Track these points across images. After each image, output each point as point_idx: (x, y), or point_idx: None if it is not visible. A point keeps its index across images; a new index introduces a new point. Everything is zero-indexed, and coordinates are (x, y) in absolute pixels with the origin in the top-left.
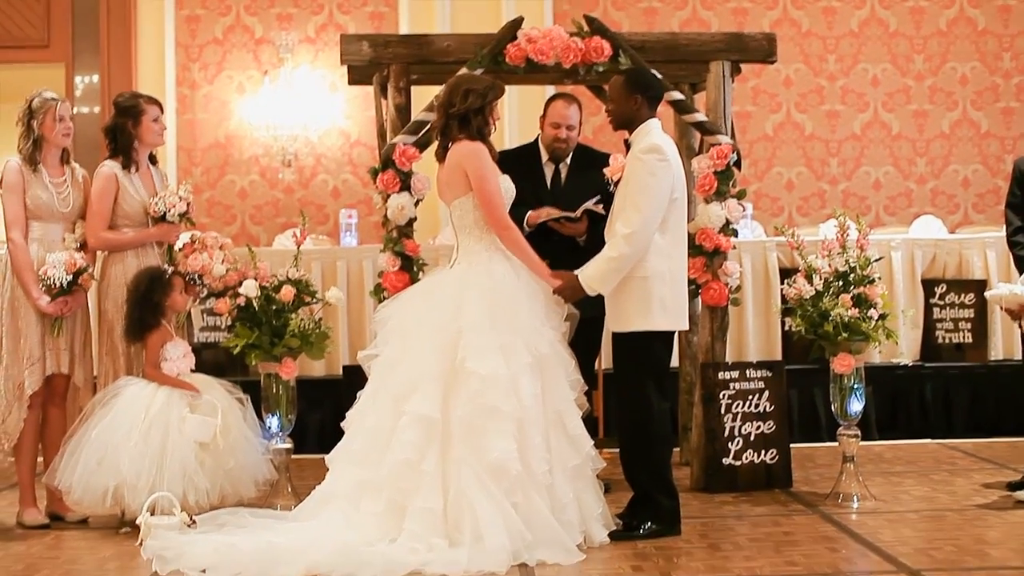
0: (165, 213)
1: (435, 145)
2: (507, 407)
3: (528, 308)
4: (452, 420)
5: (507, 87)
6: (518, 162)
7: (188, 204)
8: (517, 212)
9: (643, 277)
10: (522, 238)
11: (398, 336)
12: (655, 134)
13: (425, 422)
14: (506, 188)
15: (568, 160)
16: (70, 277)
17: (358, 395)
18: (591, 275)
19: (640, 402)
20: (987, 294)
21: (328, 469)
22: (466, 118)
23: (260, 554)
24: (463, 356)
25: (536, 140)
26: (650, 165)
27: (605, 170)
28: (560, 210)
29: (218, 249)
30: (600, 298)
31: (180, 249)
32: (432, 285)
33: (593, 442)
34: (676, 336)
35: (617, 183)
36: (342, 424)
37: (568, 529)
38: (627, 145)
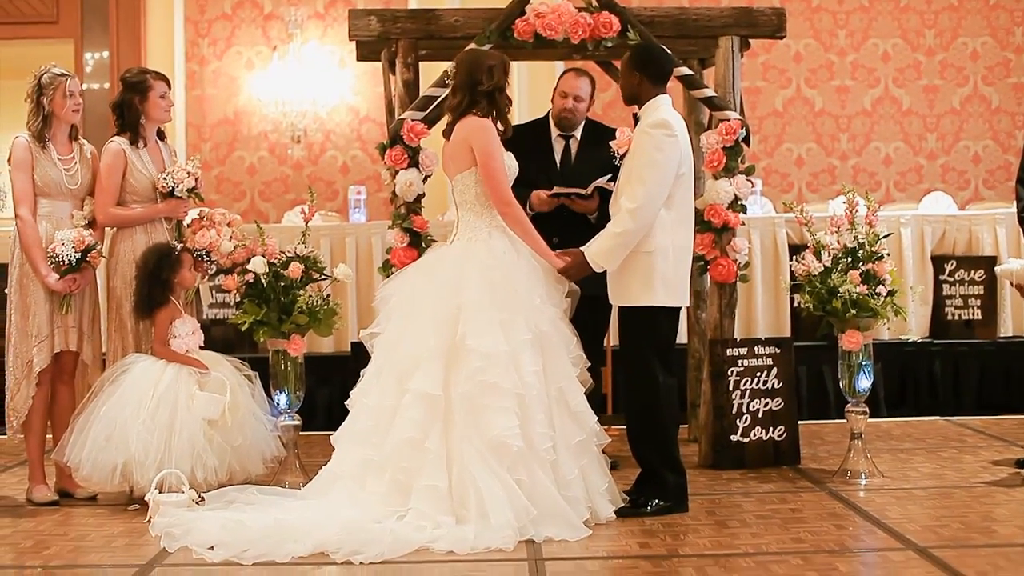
0: (173, 188)
1: (444, 121)
2: (507, 384)
3: (528, 285)
4: (453, 397)
5: (517, 63)
6: (528, 137)
7: (196, 179)
8: (521, 192)
9: (647, 252)
10: (524, 216)
11: (400, 314)
12: (664, 109)
13: (427, 400)
14: (509, 166)
15: (578, 135)
16: (79, 255)
17: (362, 373)
18: (597, 251)
19: (645, 378)
20: (997, 269)
21: (335, 448)
22: (493, 95)
23: (268, 531)
24: (463, 333)
25: (547, 116)
26: (657, 140)
27: (611, 143)
28: (568, 188)
29: (226, 226)
30: (605, 275)
31: (188, 225)
32: (432, 262)
33: (598, 418)
34: (684, 312)
35: (623, 156)
36: (346, 403)
37: (574, 505)
38: (635, 119)
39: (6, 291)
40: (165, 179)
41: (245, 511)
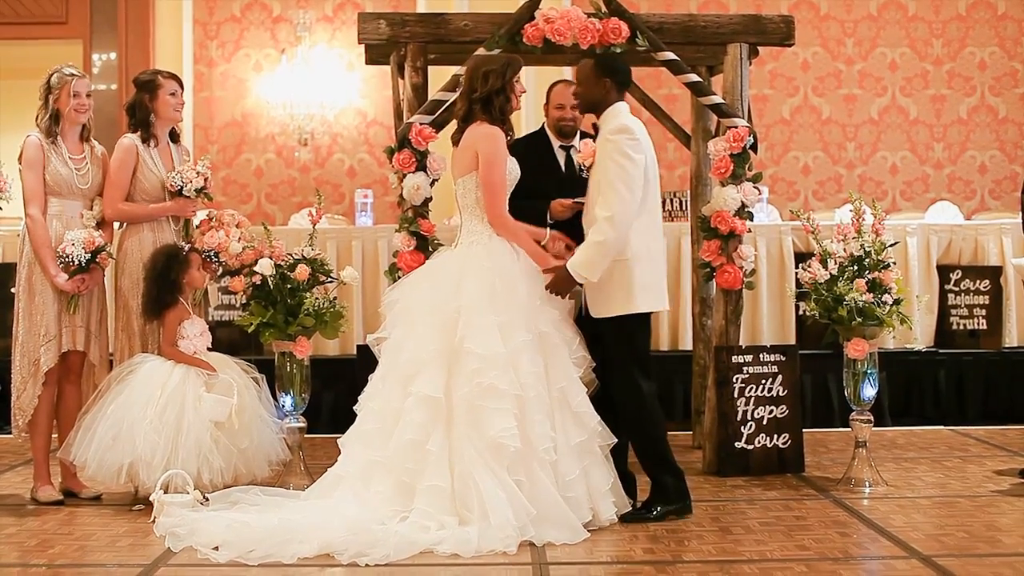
0: (182, 187)
1: (452, 126)
2: (505, 385)
3: (528, 287)
4: (454, 400)
5: (524, 68)
6: (530, 151)
7: (206, 179)
8: (536, 204)
9: (623, 260)
10: (518, 228)
11: (404, 318)
12: (624, 115)
13: (429, 403)
14: (510, 170)
15: (577, 144)
16: (88, 255)
17: (369, 378)
18: (580, 263)
19: (629, 389)
20: (1012, 261)
21: (342, 451)
22: (488, 100)
23: (273, 532)
24: (462, 336)
25: (542, 127)
26: (621, 146)
27: (576, 156)
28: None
29: (235, 227)
30: None
31: (197, 226)
32: (435, 266)
33: (600, 418)
34: (690, 319)
35: (590, 168)
36: (355, 407)
37: (574, 506)
38: (595, 129)
39: (13, 290)
40: (174, 178)
41: (250, 512)
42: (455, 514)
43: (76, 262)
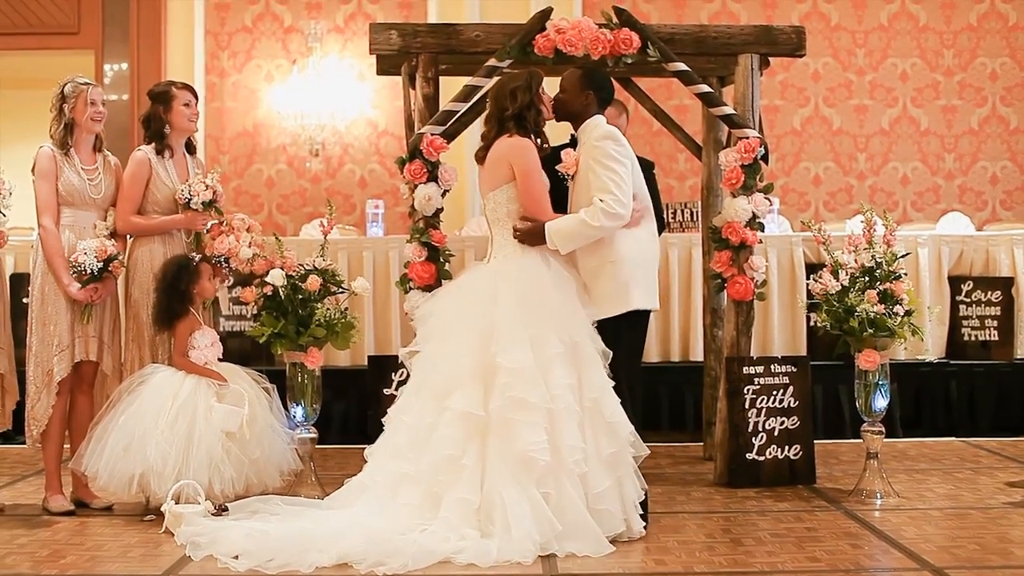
0: (189, 200)
1: (463, 137)
2: (535, 399)
3: (559, 298)
4: (488, 414)
5: None
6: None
7: (215, 192)
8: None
9: (613, 261)
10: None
11: (438, 333)
12: (605, 125)
13: (467, 419)
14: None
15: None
16: (100, 264)
17: (400, 391)
18: (558, 229)
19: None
20: None
21: (367, 461)
22: (521, 116)
23: (292, 541)
24: (494, 351)
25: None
26: (609, 151)
27: (559, 166)
28: None
29: (245, 231)
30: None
31: (208, 231)
32: (468, 281)
33: (633, 427)
34: (701, 330)
35: (573, 177)
36: (383, 420)
37: (606, 519)
38: (573, 141)
39: (26, 300)
40: (183, 191)
41: (270, 521)
42: (478, 528)
43: (88, 271)
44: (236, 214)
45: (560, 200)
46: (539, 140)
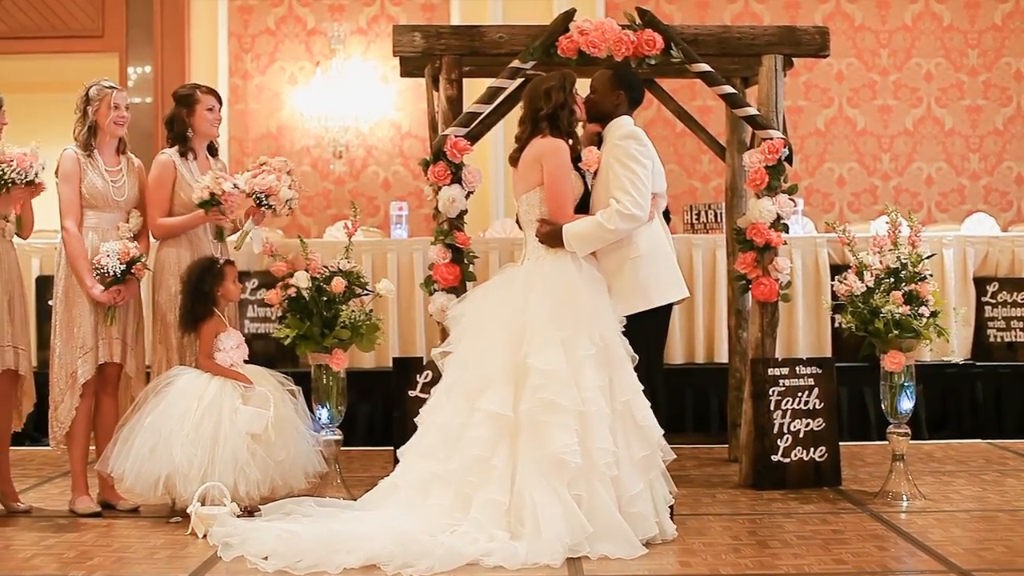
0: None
1: (487, 138)
2: (567, 401)
3: (591, 299)
4: (519, 415)
5: None
6: None
7: (217, 192)
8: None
9: (634, 258)
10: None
11: (470, 333)
12: (631, 124)
13: (497, 419)
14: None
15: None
16: (123, 266)
17: (432, 391)
18: (576, 232)
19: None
20: None
21: (400, 461)
22: (555, 116)
23: (321, 542)
24: (526, 352)
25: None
26: (630, 150)
27: (580, 164)
28: None
29: (286, 174)
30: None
31: (248, 169)
32: (501, 282)
33: (663, 432)
34: (725, 331)
35: (595, 175)
36: (416, 419)
37: (639, 522)
38: (599, 139)
39: (51, 303)
40: (200, 189)
41: (302, 522)
42: (507, 529)
43: (111, 273)
44: (277, 156)
45: (586, 200)
46: (571, 141)
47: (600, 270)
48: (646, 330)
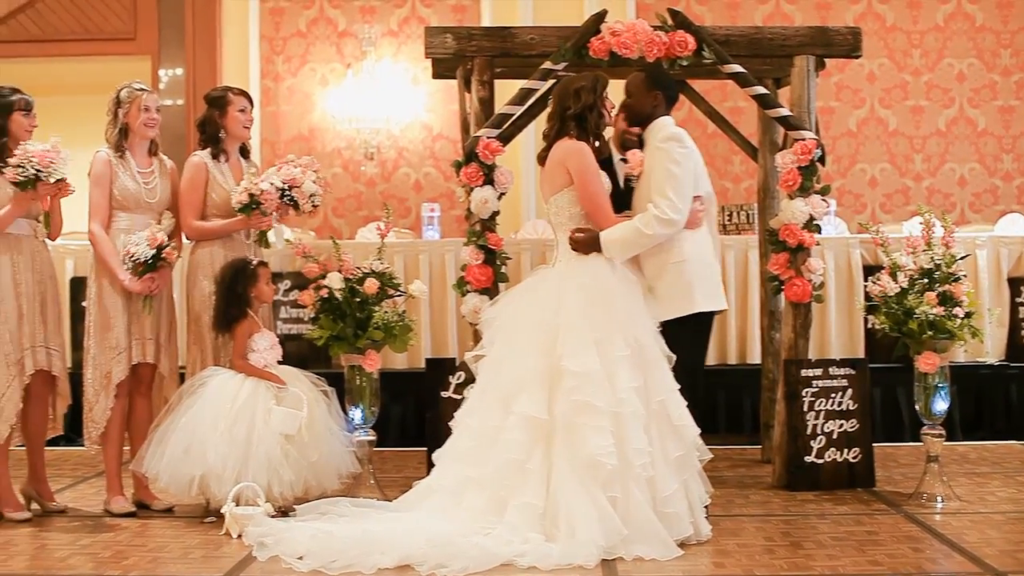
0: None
1: (519, 139)
2: (601, 403)
3: (625, 300)
4: (554, 417)
5: None
6: None
7: (256, 194)
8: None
9: (677, 263)
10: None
11: (503, 336)
12: (672, 126)
13: (532, 423)
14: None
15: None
16: (153, 251)
17: (465, 392)
18: (614, 239)
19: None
20: None
21: (435, 465)
22: (582, 116)
23: (355, 542)
24: (560, 354)
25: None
26: (672, 153)
27: (625, 167)
28: None
29: (312, 170)
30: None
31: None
32: (534, 285)
33: (699, 431)
34: (758, 332)
35: (638, 178)
36: (451, 423)
37: (674, 522)
38: (641, 142)
39: (85, 304)
40: (240, 193)
41: (336, 522)
42: (542, 532)
43: (143, 259)
44: (304, 156)
45: (617, 203)
46: (597, 143)
47: (644, 273)
48: (690, 334)
